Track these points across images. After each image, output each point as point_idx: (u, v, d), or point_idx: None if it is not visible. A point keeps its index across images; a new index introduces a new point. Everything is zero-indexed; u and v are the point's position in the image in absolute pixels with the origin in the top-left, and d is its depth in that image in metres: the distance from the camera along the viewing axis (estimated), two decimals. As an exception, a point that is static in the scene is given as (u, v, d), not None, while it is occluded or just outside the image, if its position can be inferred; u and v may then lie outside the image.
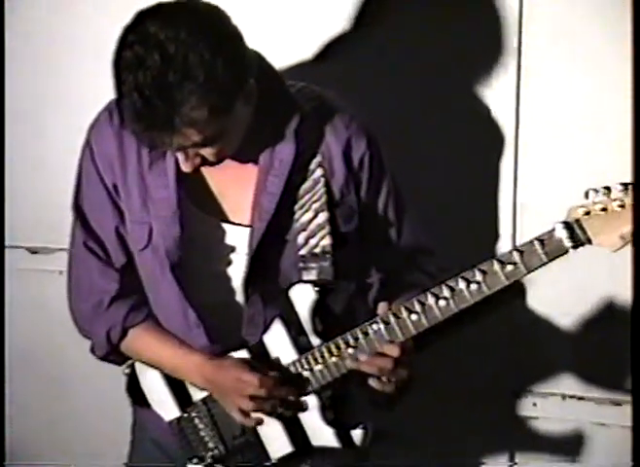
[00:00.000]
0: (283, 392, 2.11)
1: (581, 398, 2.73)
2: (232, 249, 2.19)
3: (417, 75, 2.65)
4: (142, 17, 1.95)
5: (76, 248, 2.25)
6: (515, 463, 2.71)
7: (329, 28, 2.71)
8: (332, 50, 2.69)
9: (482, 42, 2.63)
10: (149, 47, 1.88)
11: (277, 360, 2.15)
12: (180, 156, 2.02)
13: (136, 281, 2.27)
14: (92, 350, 2.28)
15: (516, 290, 2.63)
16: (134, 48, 1.91)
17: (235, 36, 1.96)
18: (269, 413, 2.13)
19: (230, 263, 2.20)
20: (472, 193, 2.73)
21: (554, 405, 2.76)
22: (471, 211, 2.74)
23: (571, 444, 2.73)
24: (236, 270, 2.19)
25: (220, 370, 2.19)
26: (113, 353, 2.27)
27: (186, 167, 2.04)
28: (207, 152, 2.00)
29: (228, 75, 1.91)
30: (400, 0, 2.67)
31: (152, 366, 2.24)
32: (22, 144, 2.99)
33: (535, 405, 2.77)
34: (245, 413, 2.14)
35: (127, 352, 2.26)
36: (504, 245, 2.71)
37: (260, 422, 2.13)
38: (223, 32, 1.95)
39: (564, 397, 2.73)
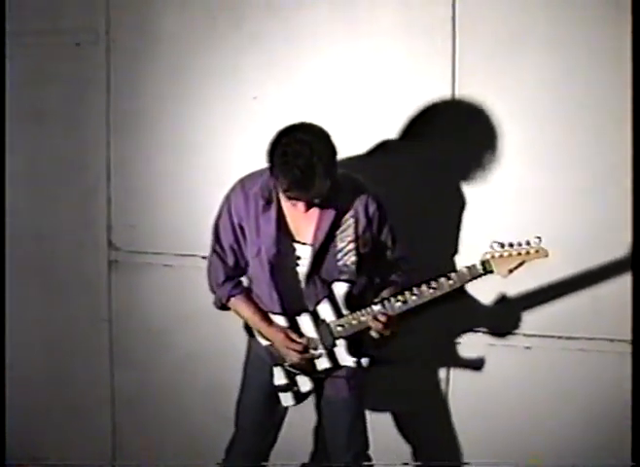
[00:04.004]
0: (306, 351, 3.27)
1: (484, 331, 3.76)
2: (299, 258, 3.26)
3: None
4: (290, 129, 3.05)
5: (211, 252, 3.40)
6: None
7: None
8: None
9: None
10: (301, 143, 2.99)
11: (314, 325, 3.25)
12: (301, 204, 3.07)
13: (237, 273, 3.34)
14: (214, 304, 3.45)
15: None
16: (292, 145, 2.98)
17: (332, 143, 3.10)
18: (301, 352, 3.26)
19: (297, 265, 3.26)
20: (434, 230, 3.70)
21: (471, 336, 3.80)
22: (430, 240, 3.66)
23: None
24: (301, 270, 3.24)
25: (274, 333, 3.32)
26: (223, 308, 3.42)
27: (304, 209, 3.10)
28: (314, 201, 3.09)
29: (331, 162, 3.07)
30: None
31: (241, 318, 3.40)
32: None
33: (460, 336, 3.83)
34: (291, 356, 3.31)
35: (232, 309, 3.42)
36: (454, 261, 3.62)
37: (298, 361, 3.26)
38: (329, 139, 3.09)
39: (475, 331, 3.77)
